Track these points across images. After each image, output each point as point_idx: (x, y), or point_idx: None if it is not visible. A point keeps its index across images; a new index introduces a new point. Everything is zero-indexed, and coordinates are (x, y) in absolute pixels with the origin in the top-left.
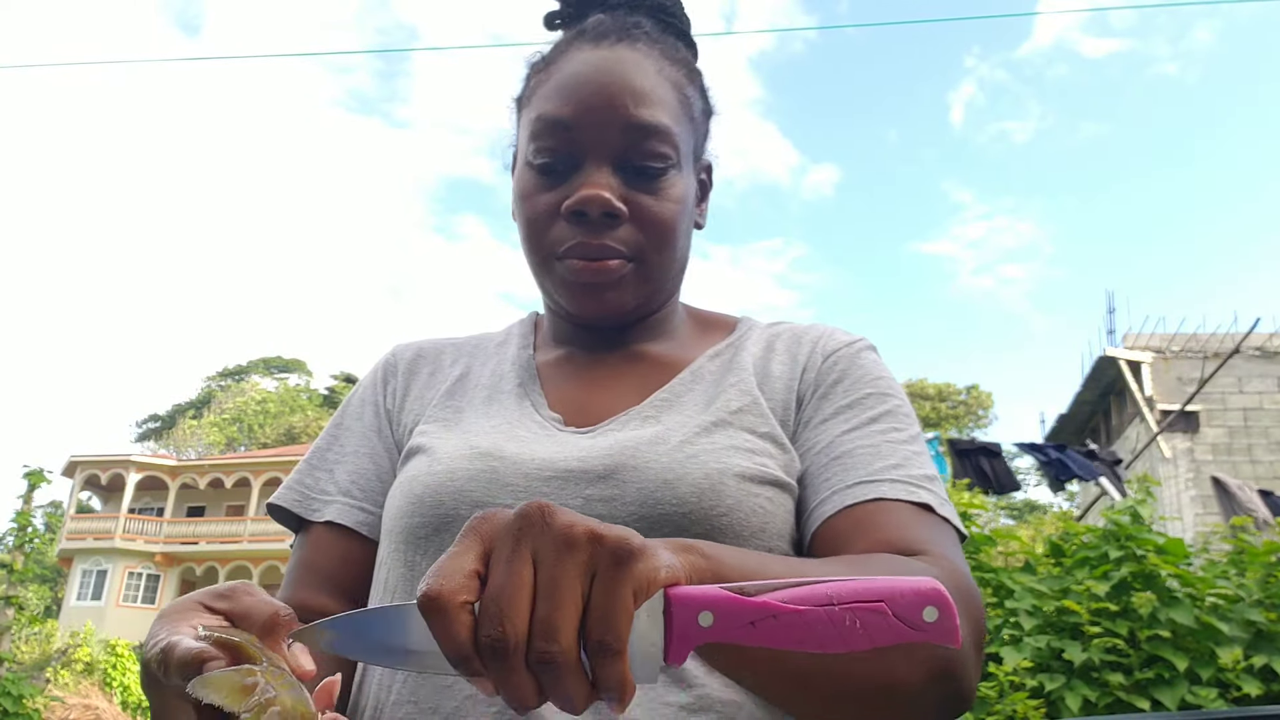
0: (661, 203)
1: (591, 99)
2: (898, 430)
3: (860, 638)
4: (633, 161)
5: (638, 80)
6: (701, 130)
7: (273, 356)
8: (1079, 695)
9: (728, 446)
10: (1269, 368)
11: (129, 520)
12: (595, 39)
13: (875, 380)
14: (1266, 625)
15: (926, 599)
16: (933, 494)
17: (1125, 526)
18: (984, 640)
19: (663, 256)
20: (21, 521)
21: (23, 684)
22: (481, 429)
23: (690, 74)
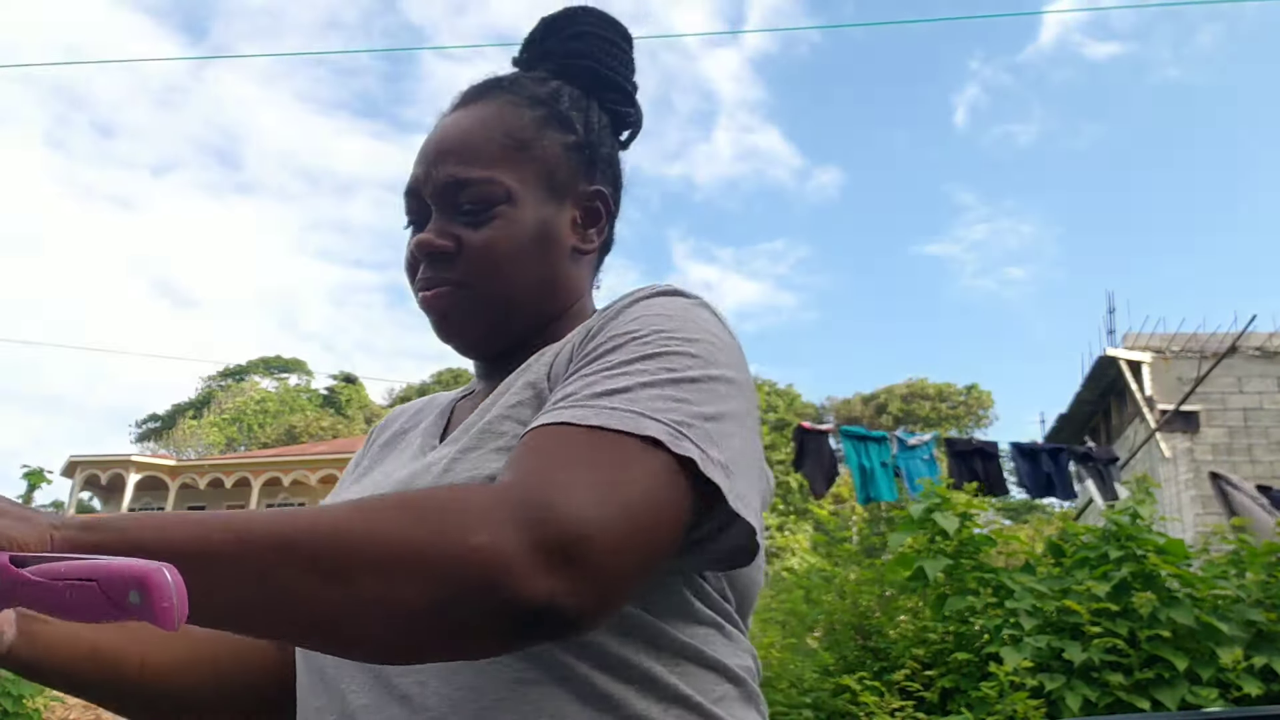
0: (487, 235)
1: (418, 167)
2: (609, 359)
3: (83, 611)
4: (459, 208)
5: (458, 142)
6: (572, 160)
7: (272, 356)
8: (1079, 695)
9: (491, 450)
10: (1269, 367)
11: None
12: (452, 107)
13: (625, 324)
14: (1266, 625)
15: (131, 582)
16: (582, 408)
17: (1125, 527)
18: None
19: (494, 282)
20: None
21: (23, 684)
22: (373, 476)
23: (545, 119)
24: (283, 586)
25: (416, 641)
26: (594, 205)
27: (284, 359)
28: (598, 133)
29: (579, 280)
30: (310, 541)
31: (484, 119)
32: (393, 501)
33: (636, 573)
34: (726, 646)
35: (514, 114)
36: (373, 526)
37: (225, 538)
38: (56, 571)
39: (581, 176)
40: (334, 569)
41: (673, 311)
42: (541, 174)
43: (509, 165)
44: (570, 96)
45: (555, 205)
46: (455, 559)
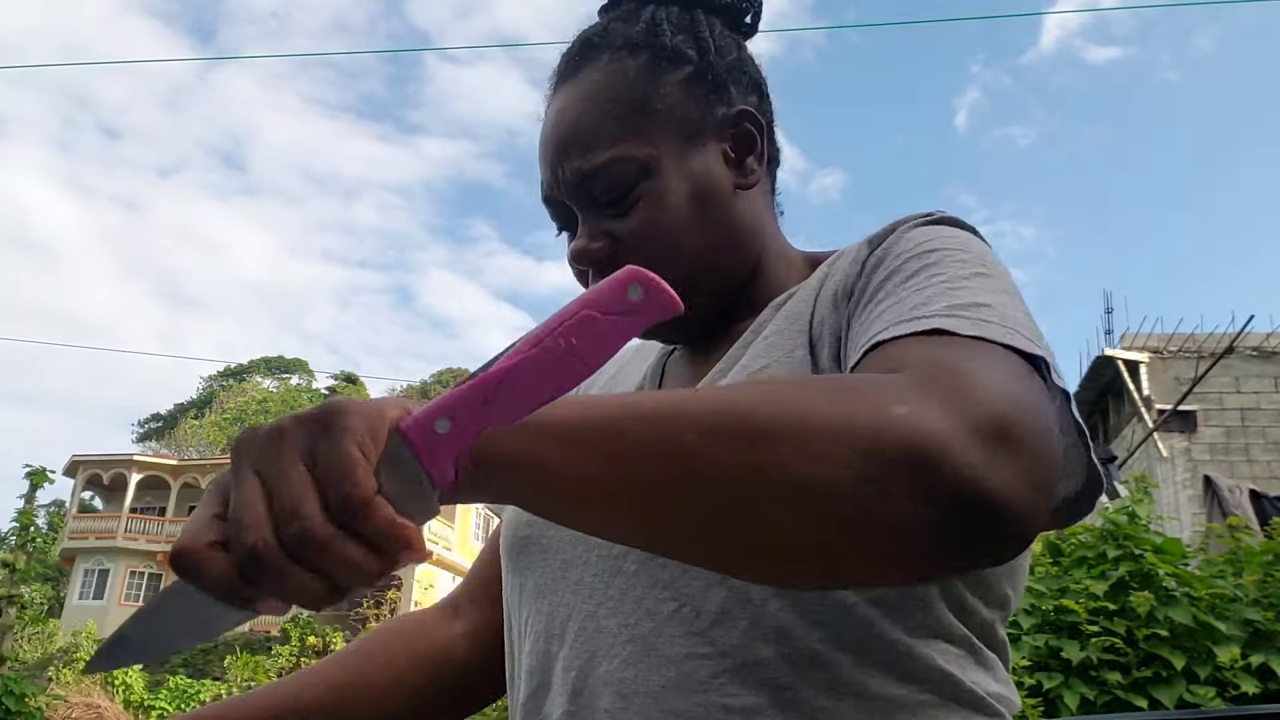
0: (635, 222)
1: (546, 172)
2: (937, 275)
3: (587, 351)
4: (600, 200)
5: (570, 130)
6: (696, 93)
7: (274, 356)
8: (1077, 693)
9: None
10: (1266, 367)
11: (131, 520)
12: (554, 87)
13: (918, 245)
14: (1264, 624)
15: (627, 282)
16: (956, 318)
17: (1123, 526)
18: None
19: (664, 268)
20: (24, 521)
21: (25, 683)
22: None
23: (648, 67)
24: (695, 461)
25: (831, 537)
26: (743, 129)
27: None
28: (715, 46)
29: (755, 217)
30: (727, 412)
31: (588, 92)
32: (797, 379)
33: (1059, 472)
34: (979, 673)
35: (617, 73)
36: (784, 398)
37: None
38: (531, 341)
39: (716, 104)
40: (749, 441)
41: (966, 239)
42: (671, 125)
43: (633, 134)
44: (670, 21)
45: (699, 151)
46: (882, 425)
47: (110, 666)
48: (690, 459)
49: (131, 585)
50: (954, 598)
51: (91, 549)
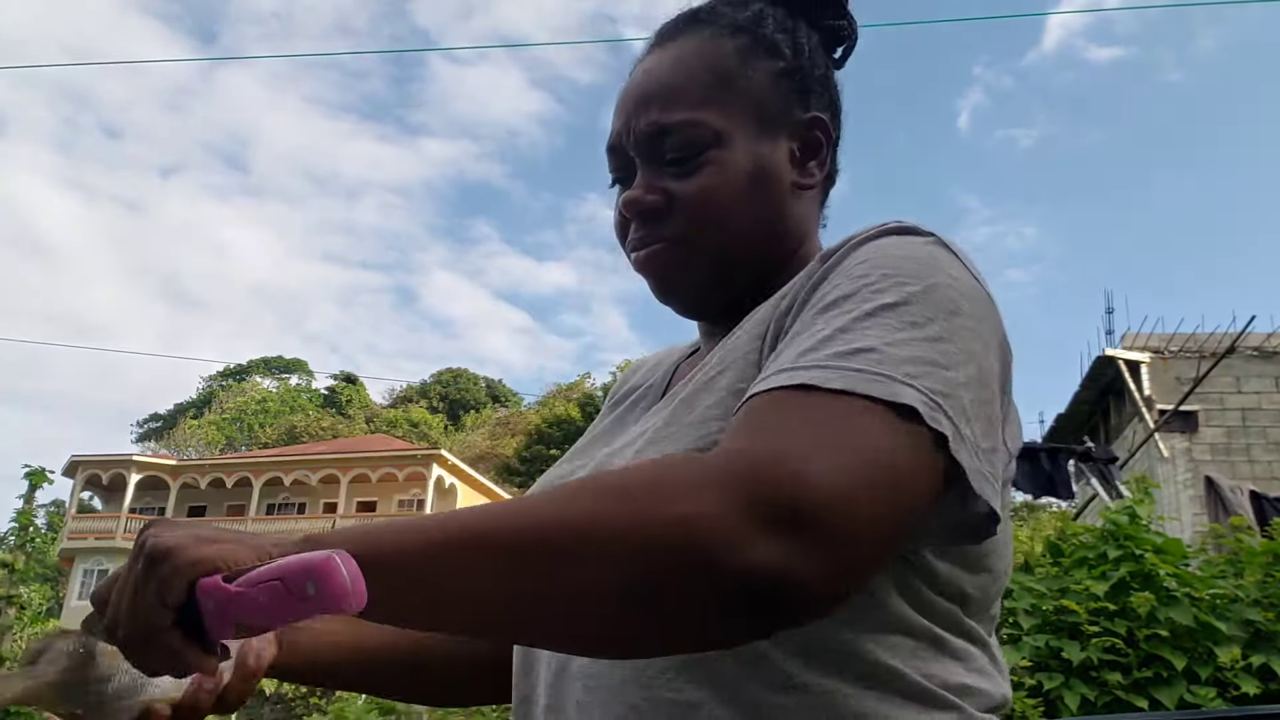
0: (696, 183)
1: (618, 120)
2: (843, 313)
3: (276, 611)
4: (665, 157)
5: (658, 86)
6: (783, 88)
7: (273, 356)
8: (1077, 694)
9: (680, 425)
10: (1267, 367)
11: (130, 520)
12: (648, 48)
13: (853, 269)
14: (1264, 625)
15: (306, 574)
16: (828, 369)
17: (1124, 526)
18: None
19: (712, 234)
20: (23, 521)
21: None
22: (582, 443)
23: (745, 49)
24: (479, 580)
25: (623, 632)
26: (813, 135)
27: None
28: (809, 55)
29: (803, 220)
30: (507, 531)
31: (682, 57)
32: (591, 481)
33: (883, 539)
34: (941, 664)
35: (714, 47)
36: (564, 509)
37: (426, 537)
38: (252, 579)
39: (795, 105)
40: (528, 557)
41: (907, 252)
42: (751, 108)
43: (714, 104)
44: (775, 18)
45: (770, 140)
46: (654, 531)
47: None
48: (493, 578)
49: None
50: (911, 592)
51: (91, 549)
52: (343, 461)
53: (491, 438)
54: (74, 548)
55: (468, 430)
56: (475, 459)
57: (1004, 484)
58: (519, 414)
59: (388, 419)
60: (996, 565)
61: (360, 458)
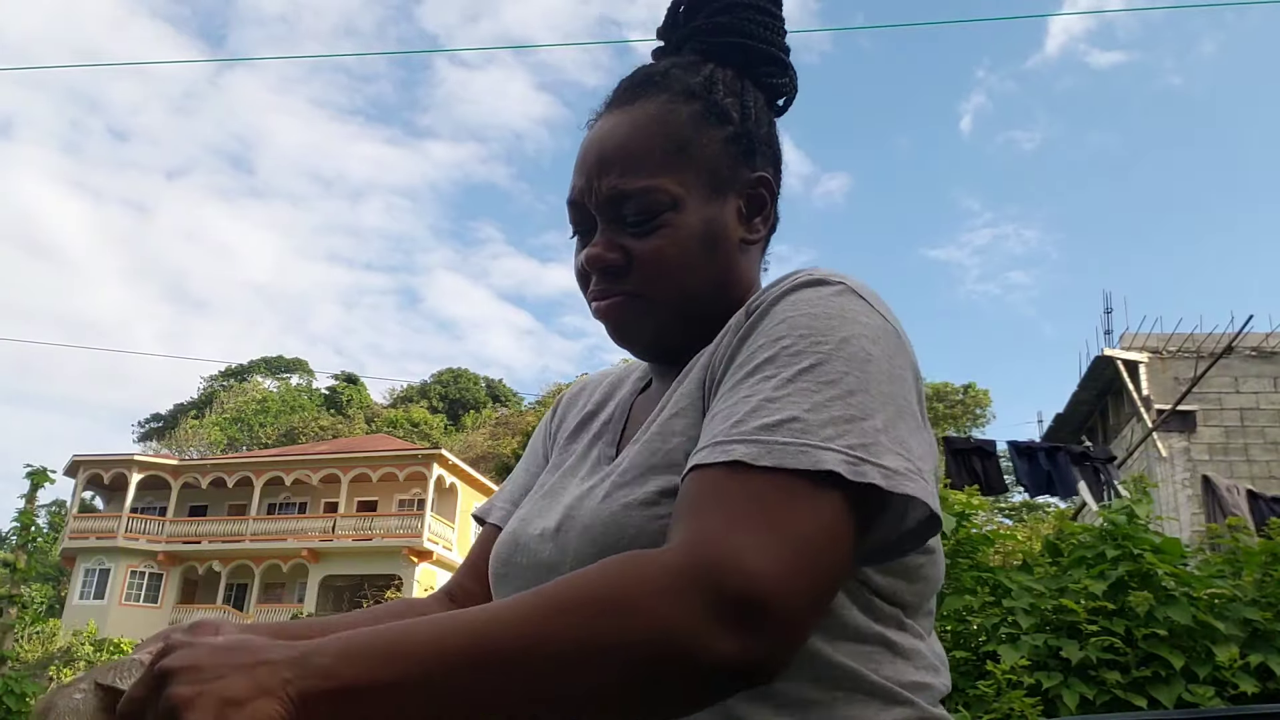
0: (654, 243)
1: (578, 179)
2: (765, 379)
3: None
4: (625, 219)
5: (616, 150)
6: (731, 152)
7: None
8: (1076, 693)
9: (644, 471)
10: (1265, 367)
11: (131, 519)
12: (606, 107)
13: (774, 329)
14: (1262, 624)
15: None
16: (758, 444)
17: (1122, 526)
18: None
19: (666, 290)
20: (25, 520)
21: (26, 682)
22: (550, 481)
23: (699, 115)
24: (476, 695)
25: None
26: (758, 192)
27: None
28: (755, 116)
29: (748, 271)
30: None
31: (640, 122)
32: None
33: (818, 610)
34: (894, 665)
35: (670, 114)
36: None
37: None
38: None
39: (743, 166)
40: (523, 677)
41: (819, 309)
42: (703, 173)
43: (671, 170)
44: (724, 82)
45: (720, 202)
46: (639, 645)
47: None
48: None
49: (132, 585)
50: (861, 601)
51: (92, 549)
52: (343, 461)
53: (492, 438)
54: (75, 547)
55: (468, 430)
56: (475, 459)
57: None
58: (519, 414)
59: (388, 419)
60: (932, 573)
61: (361, 457)
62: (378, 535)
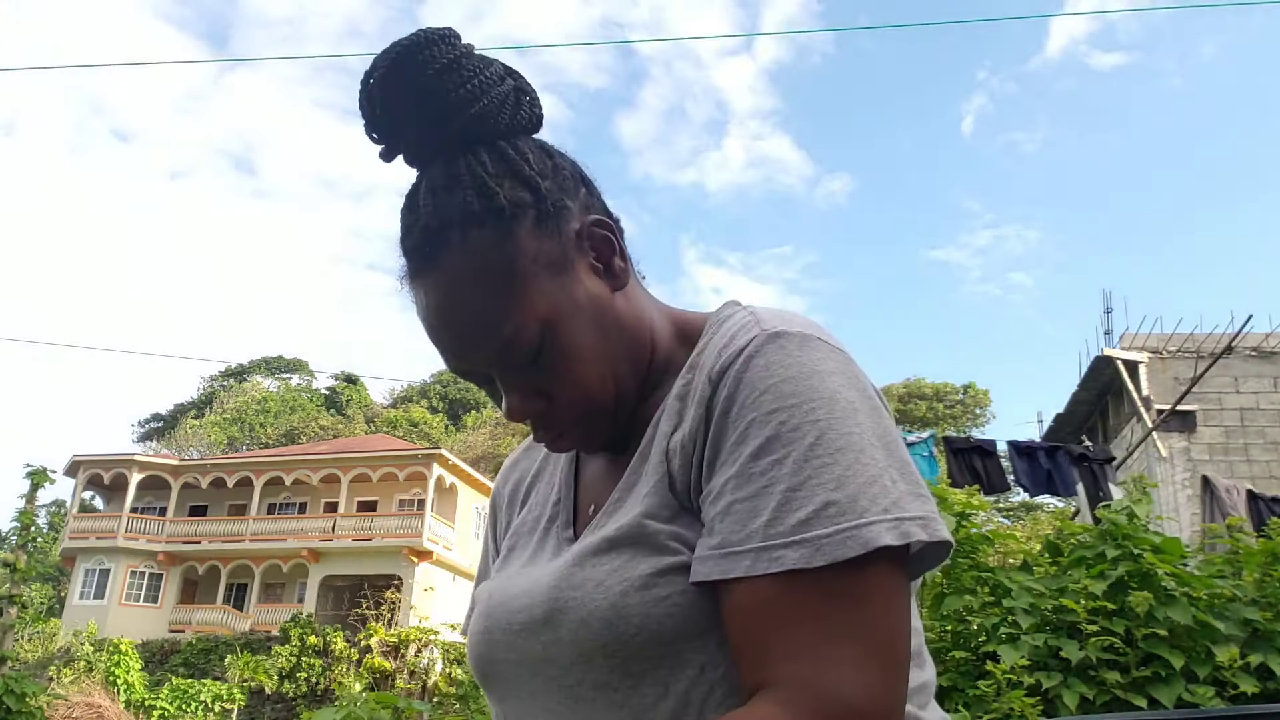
0: (558, 374)
1: (448, 358)
2: (777, 463)
3: None
4: (516, 366)
5: (460, 329)
6: (548, 229)
7: (274, 356)
8: (1076, 693)
9: (632, 555)
10: (1265, 368)
11: (131, 519)
12: (413, 274)
13: (762, 396)
14: (1262, 624)
15: None
16: (801, 546)
17: (1122, 526)
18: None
19: (597, 399)
20: (25, 520)
21: (26, 682)
22: (506, 574)
23: (497, 224)
24: None
25: None
26: (596, 235)
27: (285, 359)
28: (539, 173)
29: (636, 305)
30: None
31: (457, 284)
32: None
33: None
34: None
35: (474, 254)
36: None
37: None
38: None
39: (565, 230)
40: None
41: (793, 370)
42: (543, 274)
43: (518, 302)
44: (488, 170)
45: (573, 278)
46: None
47: None
48: None
49: (132, 585)
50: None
51: (92, 549)
52: (343, 461)
53: (492, 438)
54: (75, 547)
55: (468, 430)
56: (476, 459)
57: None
58: None
59: (388, 419)
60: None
61: (361, 457)
62: (378, 535)
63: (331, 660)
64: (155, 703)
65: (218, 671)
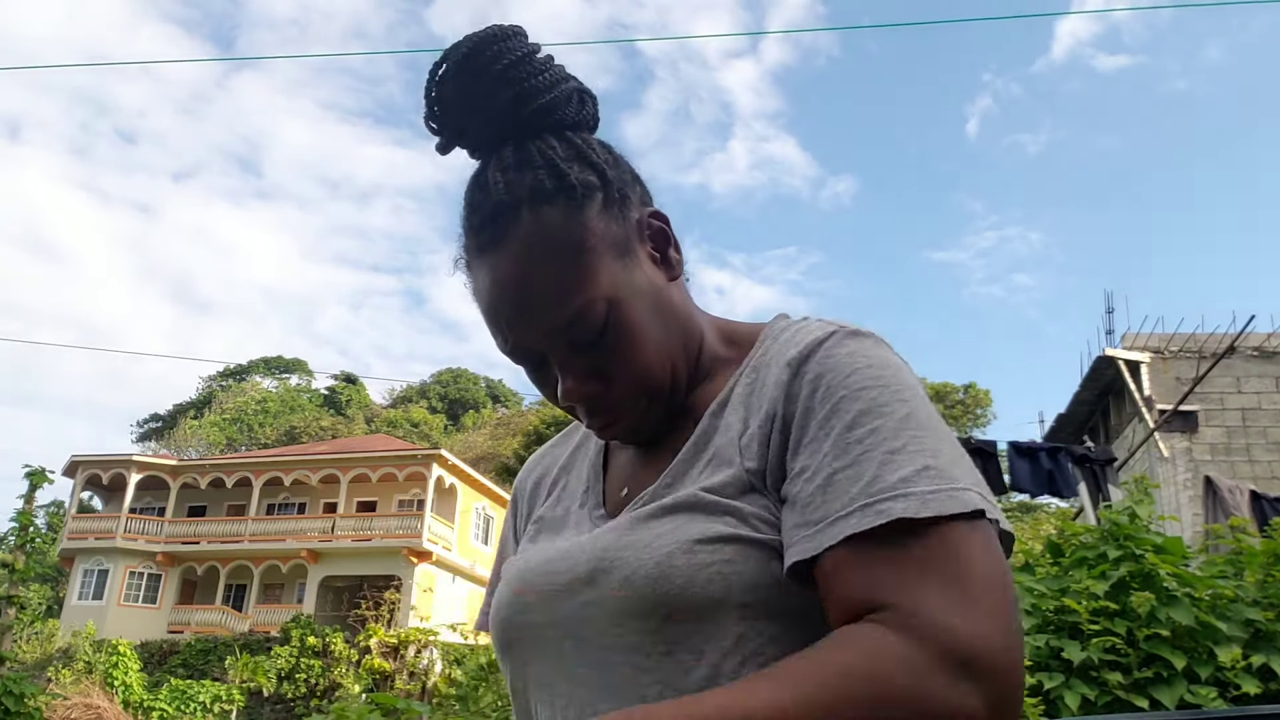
0: (618, 355)
1: (511, 335)
2: (873, 431)
3: None
4: (574, 344)
5: (528, 297)
6: (614, 215)
7: (274, 356)
8: (1078, 694)
9: (686, 519)
10: (1267, 368)
11: (130, 520)
12: (481, 249)
13: (849, 378)
14: (1265, 625)
15: None
16: (907, 499)
17: (1124, 526)
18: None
19: (652, 384)
20: (23, 521)
21: (25, 683)
22: (540, 545)
23: (567, 201)
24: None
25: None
26: (654, 225)
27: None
28: (604, 162)
29: (685, 301)
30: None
31: (527, 256)
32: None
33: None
34: None
35: (546, 227)
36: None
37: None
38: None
39: (629, 216)
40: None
41: (875, 360)
42: (609, 255)
43: (586, 278)
44: (560, 155)
45: (634, 265)
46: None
47: None
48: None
49: (131, 585)
50: None
51: (91, 549)
52: (343, 461)
53: (492, 438)
54: (74, 548)
55: (468, 430)
56: (475, 459)
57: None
58: (519, 414)
59: (388, 419)
60: None
61: (360, 458)
62: (377, 535)
63: (331, 661)
64: (154, 704)
65: (217, 672)
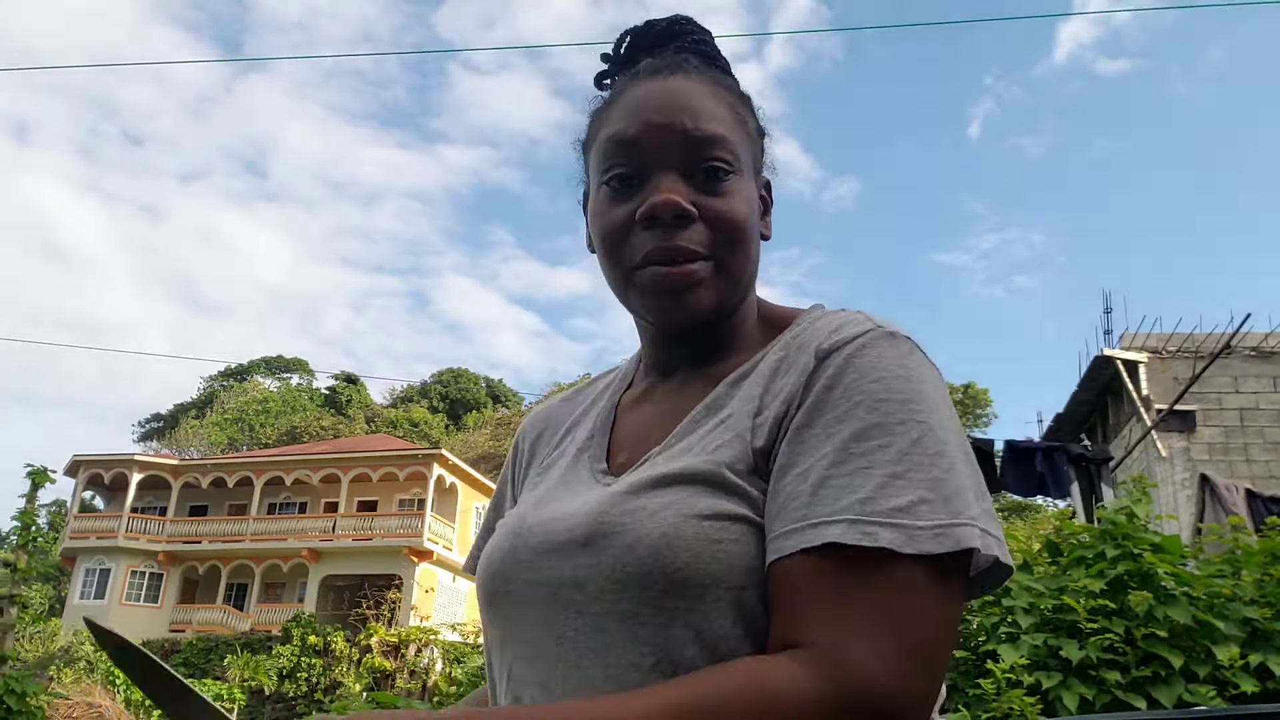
0: (729, 202)
1: (653, 115)
2: (881, 448)
3: None
4: (698, 168)
5: (694, 100)
6: (757, 148)
7: (274, 356)
8: (1076, 693)
9: (694, 491)
10: (1265, 367)
11: (132, 519)
12: (650, 74)
13: (867, 387)
14: (1262, 623)
15: None
16: (895, 530)
17: (1122, 525)
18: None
19: (736, 255)
20: (25, 520)
21: (26, 682)
22: (537, 497)
23: (740, 98)
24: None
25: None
26: (768, 194)
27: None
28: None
29: (758, 265)
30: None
31: (706, 87)
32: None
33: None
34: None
35: (728, 88)
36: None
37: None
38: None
39: (760, 161)
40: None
41: (904, 371)
42: (749, 152)
43: (737, 135)
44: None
45: (755, 186)
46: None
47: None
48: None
49: (132, 585)
50: None
51: (92, 548)
52: (344, 461)
53: (492, 438)
54: (76, 547)
55: (468, 430)
56: (476, 459)
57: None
58: (520, 413)
59: (388, 419)
60: None
61: (361, 457)
62: (378, 535)
63: (332, 660)
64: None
65: (218, 671)
